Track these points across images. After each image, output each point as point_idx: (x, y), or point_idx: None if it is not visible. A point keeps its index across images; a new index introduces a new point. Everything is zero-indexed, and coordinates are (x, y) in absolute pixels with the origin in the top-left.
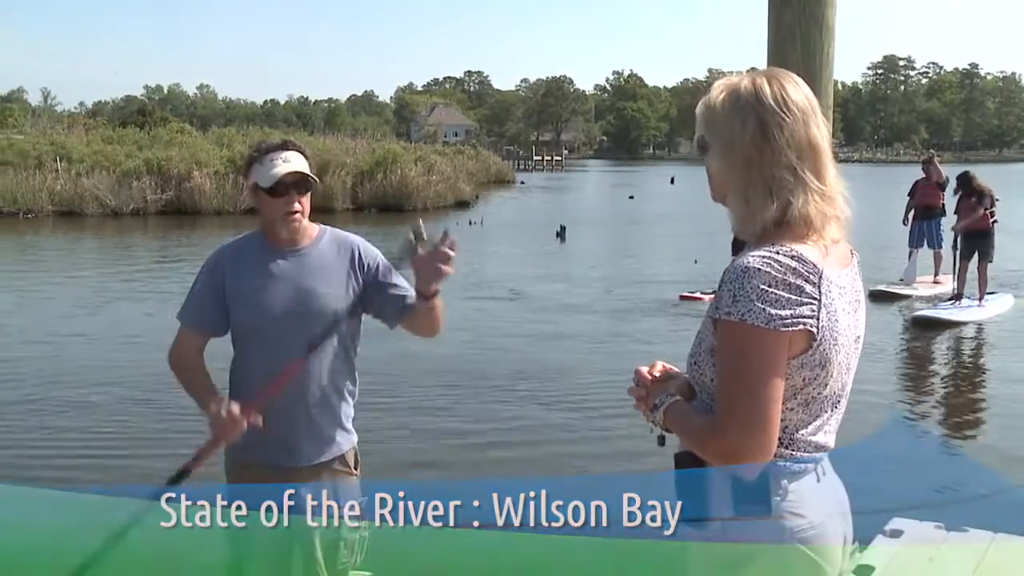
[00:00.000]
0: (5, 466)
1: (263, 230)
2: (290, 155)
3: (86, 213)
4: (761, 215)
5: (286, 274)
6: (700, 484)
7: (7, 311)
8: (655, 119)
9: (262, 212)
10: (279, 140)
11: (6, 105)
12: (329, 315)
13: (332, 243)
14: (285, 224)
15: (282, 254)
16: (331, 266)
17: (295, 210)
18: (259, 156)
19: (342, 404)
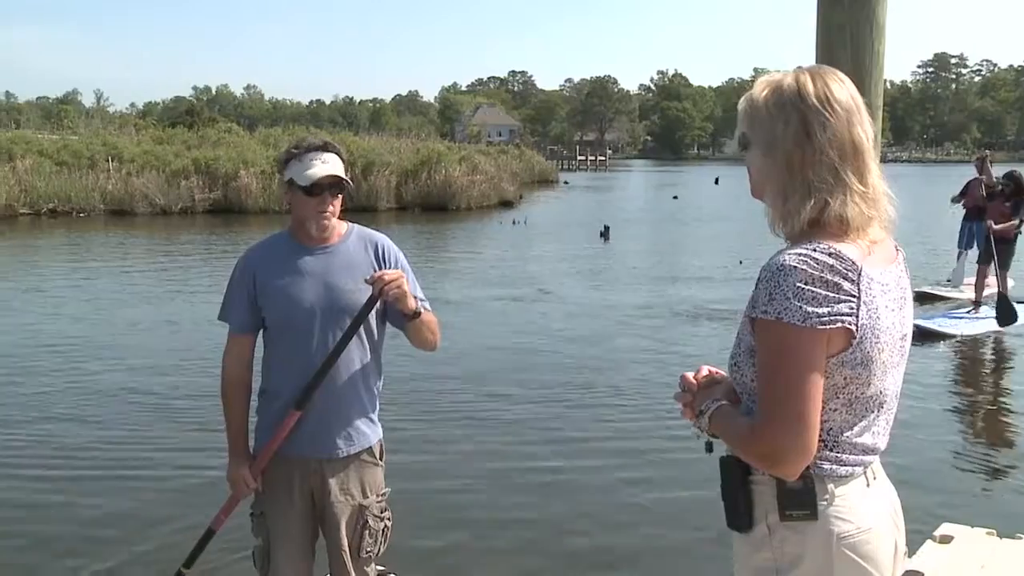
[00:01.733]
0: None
1: (291, 227)
2: (329, 157)
3: (136, 212)
4: (798, 214)
5: (314, 271)
6: (745, 488)
7: (69, 304)
8: (700, 119)
9: (294, 208)
10: (320, 141)
11: (62, 107)
12: (355, 310)
13: (359, 241)
14: (316, 222)
15: (309, 251)
16: (357, 263)
17: (327, 210)
18: (299, 154)
19: (369, 398)
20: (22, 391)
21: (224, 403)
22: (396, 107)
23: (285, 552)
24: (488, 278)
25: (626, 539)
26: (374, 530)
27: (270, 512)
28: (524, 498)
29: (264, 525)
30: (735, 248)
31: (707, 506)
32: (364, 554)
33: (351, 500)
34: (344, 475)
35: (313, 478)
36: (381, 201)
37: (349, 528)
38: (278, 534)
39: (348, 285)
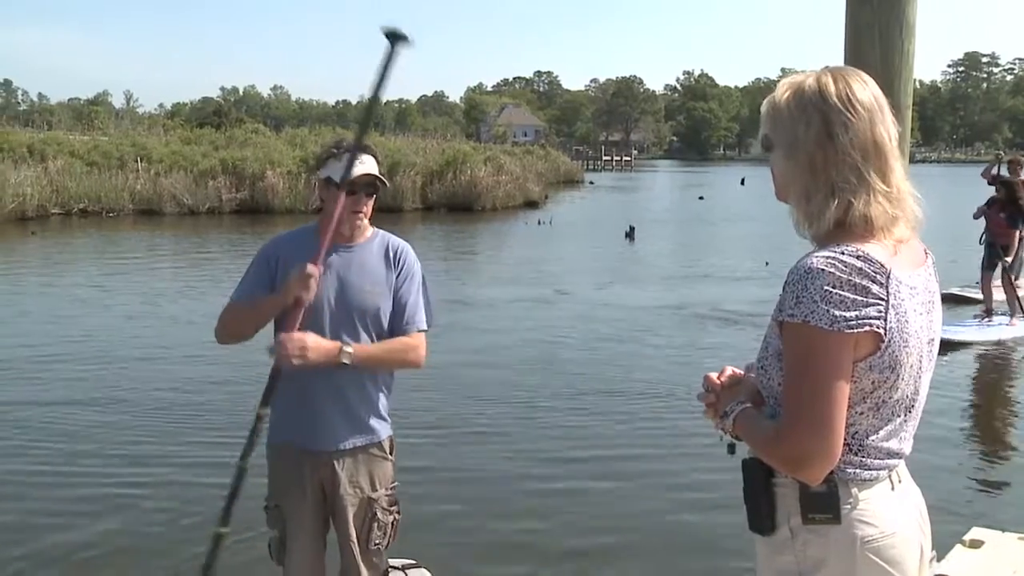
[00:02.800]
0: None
1: (320, 223)
2: (367, 158)
3: (164, 212)
4: (822, 215)
5: (333, 267)
6: (768, 491)
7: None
8: (726, 119)
9: (328, 206)
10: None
11: (92, 108)
12: (367, 309)
13: (381, 245)
14: (349, 220)
15: (333, 248)
16: (375, 265)
17: (361, 210)
18: (339, 153)
19: (378, 394)
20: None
21: (231, 321)
22: (422, 107)
23: (300, 543)
24: (513, 278)
25: (641, 537)
26: (383, 523)
27: (285, 504)
28: (540, 501)
29: (279, 517)
30: (761, 249)
31: (729, 512)
32: (372, 545)
33: (360, 492)
34: (353, 468)
35: (323, 471)
36: (407, 201)
37: (358, 520)
38: (293, 526)
39: (362, 285)
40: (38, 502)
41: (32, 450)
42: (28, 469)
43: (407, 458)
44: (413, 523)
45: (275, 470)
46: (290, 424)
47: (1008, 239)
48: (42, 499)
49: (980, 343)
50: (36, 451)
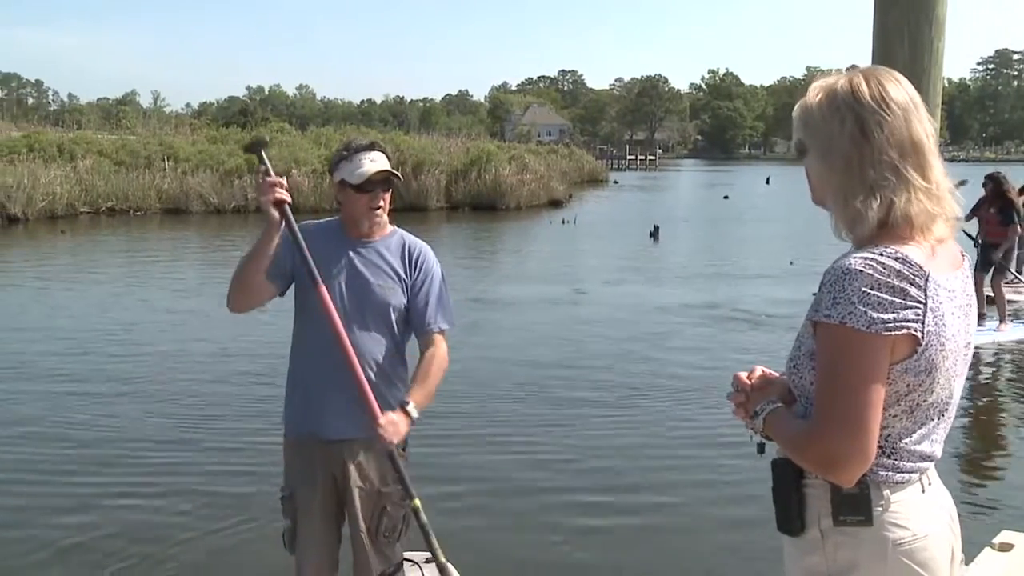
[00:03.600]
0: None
1: (342, 219)
2: (376, 155)
3: (191, 211)
4: (862, 216)
5: (351, 262)
6: (798, 492)
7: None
8: (751, 118)
9: (346, 206)
10: (367, 141)
11: (121, 108)
12: (377, 304)
13: (399, 243)
14: (368, 218)
15: (353, 244)
16: (390, 261)
17: (379, 206)
18: (349, 155)
19: (390, 389)
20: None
21: (236, 271)
22: (446, 106)
23: (310, 533)
24: (536, 277)
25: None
26: (393, 516)
27: (297, 494)
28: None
29: (292, 506)
30: (786, 248)
31: (757, 514)
32: (383, 538)
33: (370, 485)
34: (363, 460)
35: (334, 462)
36: (431, 200)
37: (368, 512)
38: (304, 515)
39: (378, 281)
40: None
41: (73, 435)
42: (67, 454)
43: (433, 455)
44: (441, 520)
45: (289, 459)
46: (303, 414)
47: (1001, 236)
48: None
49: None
50: (77, 437)
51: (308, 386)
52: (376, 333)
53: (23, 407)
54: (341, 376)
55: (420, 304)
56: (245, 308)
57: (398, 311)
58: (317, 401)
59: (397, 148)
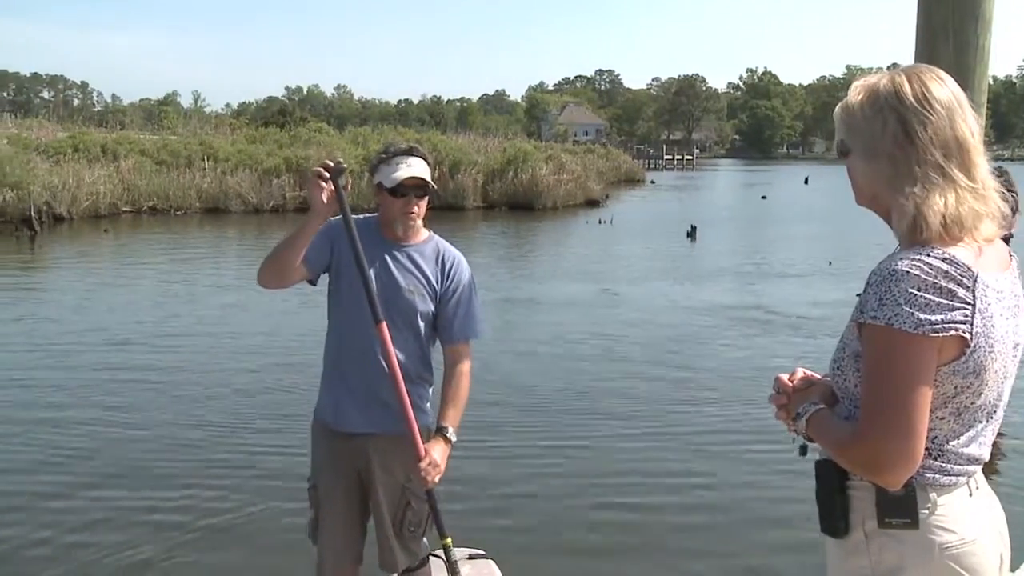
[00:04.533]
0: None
1: (380, 220)
2: (414, 161)
3: (230, 210)
4: (908, 217)
5: (384, 263)
6: (842, 493)
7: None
8: (789, 118)
9: (382, 209)
10: (407, 145)
11: (162, 108)
12: (405, 309)
13: (433, 250)
14: (402, 222)
15: (387, 246)
16: (423, 267)
17: (412, 211)
18: (387, 158)
19: (413, 385)
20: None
21: (272, 254)
22: (483, 106)
23: (333, 524)
24: (573, 277)
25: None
26: (418, 511)
27: (321, 485)
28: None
29: (316, 498)
30: (825, 249)
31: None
32: (408, 532)
33: (393, 479)
34: (387, 454)
35: (358, 454)
36: (468, 200)
37: (391, 505)
38: (327, 507)
39: (408, 286)
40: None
41: (133, 419)
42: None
43: (472, 451)
44: (481, 516)
45: (314, 451)
46: (328, 407)
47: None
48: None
49: None
50: (134, 421)
51: (337, 379)
52: (403, 335)
53: (62, 395)
54: (365, 372)
55: (449, 314)
56: (274, 285)
57: (425, 317)
58: (343, 395)
59: (434, 148)
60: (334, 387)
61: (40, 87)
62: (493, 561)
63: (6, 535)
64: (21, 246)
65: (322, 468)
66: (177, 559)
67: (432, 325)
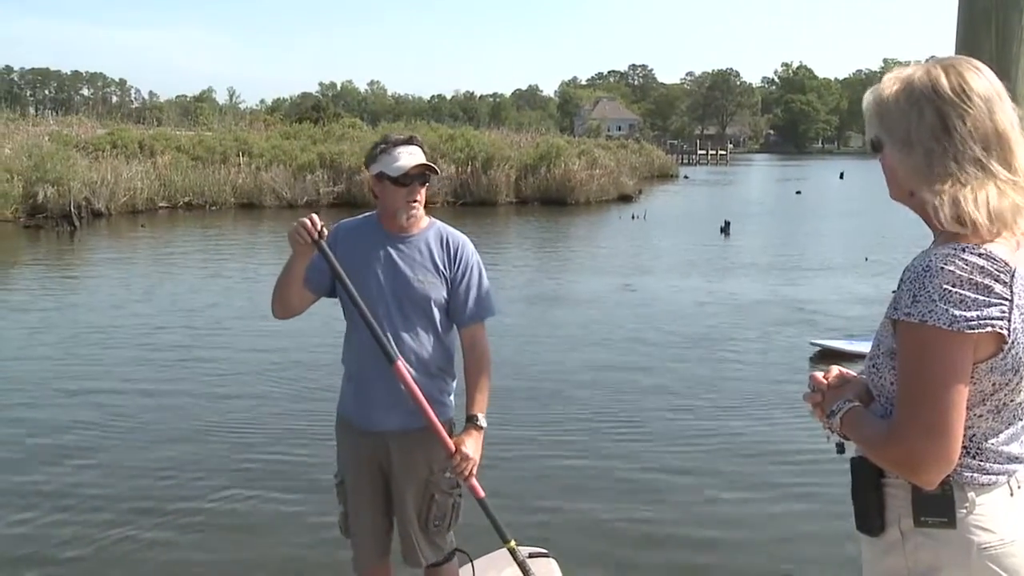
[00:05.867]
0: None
1: (379, 214)
2: (414, 149)
3: (264, 205)
4: (946, 212)
5: (389, 257)
6: (877, 491)
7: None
8: (825, 112)
9: (383, 199)
10: (405, 135)
11: (198, 104)
12: (418, 299)
13: (437, 236)
14: (405, 211)
15: (390, 239)
16: (429, 255)
17: (415, 199)
18: (388, 148)
19: (433, 379)
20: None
21: (277, 288)
22: (516, 102)
23: (362, 520)
24: (605, 273)
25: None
26: (442, 505)
27: (348, 481)
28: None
29: (343, 493)
30: (860, 245)
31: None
32: (433, 526)
33: (416, 473)
34: (409, 449)
35: (379, 450)
36: (501, 195)
37: (415, 500)
38: (354, 502)
39: (417, 276)
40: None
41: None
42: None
43: (522, 449)
44: (539, 513)
45: (340, 448)
46: (348, 404)
47: None
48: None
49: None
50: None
51: (356, 377)
52: (418, 327)
53: (95, 380)
54: (384, 367)
55: (461, 297)
56: (289, 316)
57: (439, 304)
58: (363, 392)
59: (467, 143)
60: (353, 385)
61: (80, 84)
62: (555, 560)
63: (39, 511)
64: (61, 241)
65: (347, 464)
66: (201, 548)
67: (446, 312)
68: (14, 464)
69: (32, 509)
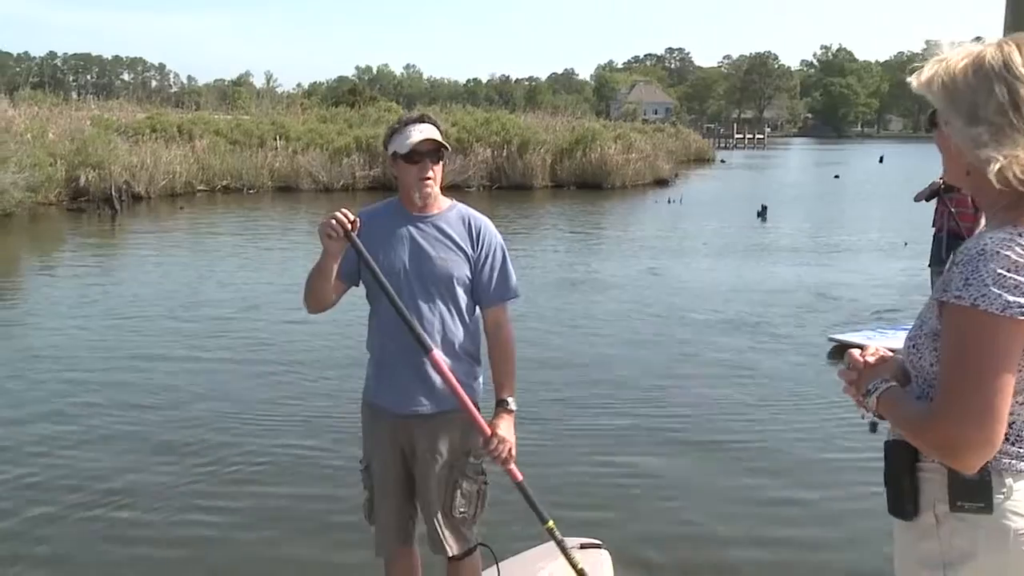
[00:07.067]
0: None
1: (400, 196)
2: (425, 127)
3: (300, 188)
4: (1007, 193)
5: (411, 237)
6: (912, 475)
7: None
8: (864, 95)
9: (400, 179)
10: (417, 114)
11: (236, 88)
12: (440, 278)
13: (459, 217)
14: (419, 189)
15: (411, 219)
16: (452, 236)
17: (428, 176)
18: (400, 128)
19: (458, 362)
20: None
21: (308, 283)
22: (552, 85)
23: (387, 505)
24: (640, 256)
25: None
26: (467, 491)
27: (373, 465)
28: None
29: (369, 477)
30: (899, 230)
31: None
32: (457, 514)
33: (439, 458)
34: (432, 433)
35: (403, 434)
36: (536, 179)
37: (439, 486)
38: (379, 487)
39: (439, 254)
40: None
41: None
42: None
43: (572, 440)
44: (596, 507)
45: (366, 432)
46: (373, 390)
47: (976, 223)
48: None
49: None
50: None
51: (380, 361)
52: (442, 306)
53: (135, 359)
54: (411, 354)
55: (485, 278)
56: (322, 310)
57: (462, 283)
58: (387, 376)
59: (503, 127)
60: (379, 372)
61: (120, 69)
62: (607, 551)
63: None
64: (103, 224)
65: (373, 450)
66: (230, 531)
67: (470, 293)
68: (67, 416)
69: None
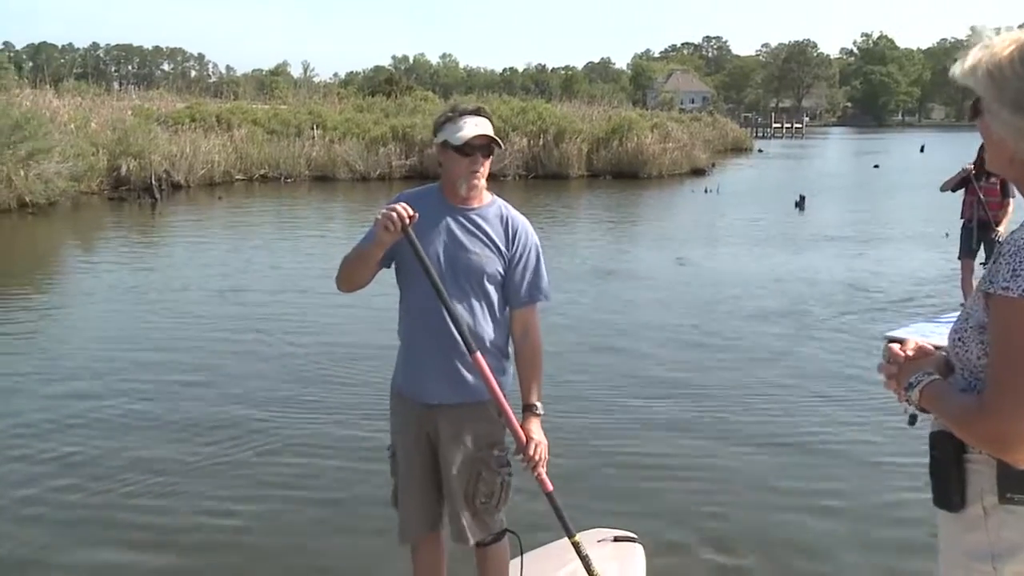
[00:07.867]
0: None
1: (442, 185)
2: (481, 121)
3: (337, 178)
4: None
5: (448, 228)
6: (958, 466)
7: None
8: (906, 83)
9: (446, 168)
10: (473, 106)
11: (273, 78)
12: (473, 272)
13: (497, 213)
14: (467, 182)
15: (451, 210)
16: (489, 231)
17: (478, 170)
18: (454, 117)
19: (491, 356)
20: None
21: (346, 265)
22: (588, 74)
23: (411, 493)
24: (677, 246)
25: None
26: (489, 482)
27: (399, 453)
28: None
29: (395, 465)
30: (940, 221)
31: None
32: (479, 503)
33: (463, 448)
34: (457, 423)
35: (428, 423)
36: (572, 168)
37: (462, 477)
38: (404, 474)
39: (475, 248)
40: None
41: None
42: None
43: (607, 432)
44: (628, 500)
45: (392, 420)
46: (401, 378)
47: (1003, 210)
48: None
49: None
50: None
51: (409, 349)
52: (473, 299)
53: (173, 341)
54: (439, 343)
55: (517, 277)
56: (353, 291)
57: (494, 279)
58: (416, 364)
59: (539, 116)
60: (407, 359)
61: (160, 60)
62: (641, 546)
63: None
64: (144, 212)
65: (399, 437)
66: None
67: (501, 290)
68: (106, 396)
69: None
